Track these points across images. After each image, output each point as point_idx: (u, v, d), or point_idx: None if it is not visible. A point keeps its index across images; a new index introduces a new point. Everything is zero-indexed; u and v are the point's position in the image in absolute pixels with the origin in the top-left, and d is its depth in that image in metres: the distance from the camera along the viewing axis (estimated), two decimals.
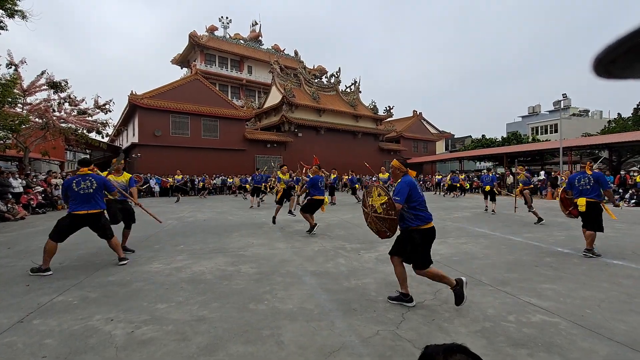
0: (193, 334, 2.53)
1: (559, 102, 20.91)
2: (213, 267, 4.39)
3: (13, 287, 3.63)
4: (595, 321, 2.69)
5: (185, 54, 39.45)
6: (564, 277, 3.86)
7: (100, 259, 4.88)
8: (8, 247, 5.74)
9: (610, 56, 0.40)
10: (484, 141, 37.71)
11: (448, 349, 0.78)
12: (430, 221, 3.08)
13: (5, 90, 9.70)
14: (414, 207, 3.05)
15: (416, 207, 3.05)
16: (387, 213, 3.05)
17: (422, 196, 3.12)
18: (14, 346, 2.36)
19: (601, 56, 0.41)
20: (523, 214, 10.12)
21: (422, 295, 3.32)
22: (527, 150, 25.70)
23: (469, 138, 50.26)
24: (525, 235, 6.48)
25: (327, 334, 2.53)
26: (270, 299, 3.25)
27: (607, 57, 0.40)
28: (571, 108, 47.19)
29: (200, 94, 23.86)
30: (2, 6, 8.98)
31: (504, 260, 4.64)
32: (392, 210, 3.01)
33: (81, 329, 2.61)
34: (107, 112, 16.64)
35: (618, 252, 5.05)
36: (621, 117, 31.79)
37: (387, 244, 5.80)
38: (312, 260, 4.75)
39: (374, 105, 33.79)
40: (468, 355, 0.76)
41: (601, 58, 0.41)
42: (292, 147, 27.36)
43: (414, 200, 3.05)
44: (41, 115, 13.84)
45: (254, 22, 45.03)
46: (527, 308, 2.97)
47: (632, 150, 23.31)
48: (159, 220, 5.96)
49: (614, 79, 0.44)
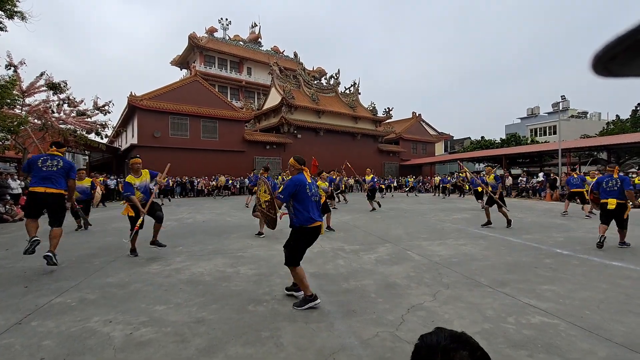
0: (192, 335, 2.53)
1: (557, 104, 20.96)
2: (212, 269, 4.38)
3: (11, 289, 3.61)
4: (594, 322, 2.69)
5: (184, 56, 39.49)
6: (563, 279, 3.86)
7: (99, 260, 4.87)
8: (6, 248, 5.71)
9: (610, 54, 0.40)
10: (483, 143, 37.81)
11: (447, 347, 0.71)
12: (312, 222, 3.16)
13: (4, 91, 9.69)
14: (296, 206, 3.17)
15: (299, 206, 3.16)
16: (268, 210, 3.33)
17: (311, 196, 3.21)
18: (12, 348, 2.35)
19: (600, 54, 0.41)
20: (521, 215, 10.13)
21: (422, 297, 3.31)
22: (526, 152, 25.77)
23: (468, 139, 50.34)
24: (524, 237, 6.48)
25: (327, 335, 2.52)
26: (270, 301, 3.24)
27: (607, 54, 0.40)
28: (570, 110, 47.32)
29: (200, 96, 23.88)
30: (1, 7, 8.97)
31: (503, 262, 4.64)
32: (272, 209, 3.28)
33: (79, 331, 2.59)
34: (106, 113, 16.67)
35: (616, 254, 5.06)
36: (619, 118, 31.93)
37: (387, 246, 5.80)
38: (311, 262, 4.74)
39: (373, 106, 33.87)
40: (472, 353, 0.71)
41: (600, 56, 0.41)
42: (291, 148, 27.36)
43: (299, 200, 3.16)
44: (40, 116, 13.83)
45: (253, 24, 45.15)
46: (526, 309, 2.97)
47: (630, 152, 23.41)
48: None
49: (613, 76, 0.44)
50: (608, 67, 0.42)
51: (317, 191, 3.35)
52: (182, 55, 39.66)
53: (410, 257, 4.96)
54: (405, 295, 3.36)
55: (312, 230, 3.20)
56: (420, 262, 4.66)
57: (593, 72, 0.44)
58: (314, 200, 3.25)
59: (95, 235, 6.83)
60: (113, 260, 4.87)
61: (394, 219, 9.62)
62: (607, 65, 0.42)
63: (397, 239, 6.36)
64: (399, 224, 8.55)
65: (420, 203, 16.31)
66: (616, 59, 0.40)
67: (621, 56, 0.40)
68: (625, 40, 0.38)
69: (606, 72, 0.43)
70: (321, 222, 3.28)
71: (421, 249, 5.54)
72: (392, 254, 5.20)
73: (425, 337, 0.77)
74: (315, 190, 3.30)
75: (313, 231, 3.21)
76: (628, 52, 0.39)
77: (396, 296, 3.34)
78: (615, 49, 0.39)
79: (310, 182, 3.29)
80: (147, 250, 5.51)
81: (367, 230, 7.58)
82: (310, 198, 3.20)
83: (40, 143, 14.42)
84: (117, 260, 4.88)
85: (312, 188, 3.26)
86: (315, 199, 3.29)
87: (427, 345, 0.74)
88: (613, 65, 0.41)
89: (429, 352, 0.73)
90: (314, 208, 3.22)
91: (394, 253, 5.24)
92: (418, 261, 4.73)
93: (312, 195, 3.23)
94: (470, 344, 0.73)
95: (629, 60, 0.40)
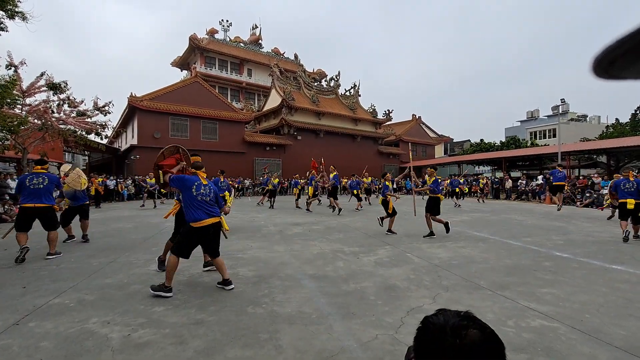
0: (190, 337, 2.51)
1: (557, 107, 21.03)
2: (211, 270, 4.36)
3: (9, 289, 3.60)
4: (594, 326, 2.69)
5: (185, 57, 39.55)
6: (562, 282, 3.85)
7: (98, 261, 4.85)
8: (5, 248, 5.70)
9: (610, 57, 0.40)
10: (483, 145, 37.82)
11: (456, 325, 0.67)
12: (197, 221, 3.49)
13: (4, 91, 9.69)
14: (185, 205, 3.56)
15: (185, 205, 3.55)
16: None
17: (197, 196, 3.51)
18: (9, 349, 2.34)
19: (600, 57, 0.41)
20: (521, 218, 10.13)
21: (421, 300, 3.31)
22: (526, 155, 25.78)
23: (467, 142, 50.39)
24: (524, 240, 6.48)
25: (326, 337, 2.51)
26: (269, 303, 3.23)
27: (607, 57, 0.40)
28: (569, 113, 47.39)
29: (200, 97, 23.90)
30: (2, 8, 8.99)
31: (502, 265, 4.64)
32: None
33: (77, 332, 2.58)
34: (106, 113, 16.61)
35: (616, 257, 5.06)
36: (619, 122, 31.98)
37: (387, 248, 5.79)
38: (310, 264, 4.73)
39: (373, 108, 33.92)
40: (482, 330, 0.67)
41: (600, 59, 0.41)
42: (291, 149, 27.39)
43: (185, 199, 3.56)
44: (40, 116, 13.81)
45: (254, 26, 45.27)
46: (526, 313, 2.97)
47: (630, 155, 23.42)
48: None
49: (613, 79, 0.44)
50: (608, 70, 0.42)
51: (208, 192, 3.63)
52: (182, 57, 39.72)
53: (409, 260, 4.95)
54: (404, 298, 3.35)
55: (197, 230, 3.50)
56: (419, 265, 4.66)
57: (593, 74, 0.44)
58: (200, 199, 3.55)
59: (93, 236, 6.81)
60: (112, 261, 4.86)
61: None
62: (607, 68, 0.42)
63: (396, 241, 6.35)
64: (398, 225, 8.54)
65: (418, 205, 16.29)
66: (616, 62, 0.40)
67: (621, 59, 0.39)
68: (625, 44, 0.38)
69: (606, 75, 0.43)
70: (210, 220, 3.56)
71: (421, 251, 5.53)
72: (392, 256, 5.19)
73: (431, 318, 0.72)
74: (205, 191, 3.60)
75: (198, 230, 3.51)
76: (628, 55, 0.39)
77: (396, 298, 3.33)
78: (615, 52, 0.39)
79: (206, 184, 3.66)
80: (145, 251, 5.50)
81: (366, 232, 7.57)
82: (195, 198, 3.52)
83: (40, 143, 14.47)
84: (116, 261, 4.87)
85: (200, 189, 3.56)
86: (205, 199, 3.59)
87: (433, 325, 0.70)
88: (613, 68, 0.41)
89: (437, 333, 0.68)
90: (200, 208, 3.53)
91: (394, 255, 5.23)
92: (417, 263, 4.73)
93: (198, 195, 3.53)
94: (479, 321, 0.70)
95: (628, 63, 0.40)
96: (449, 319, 0.69)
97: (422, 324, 0.74)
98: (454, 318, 0.69)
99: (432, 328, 0.70)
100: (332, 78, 33.95)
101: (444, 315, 0.71)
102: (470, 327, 0.67)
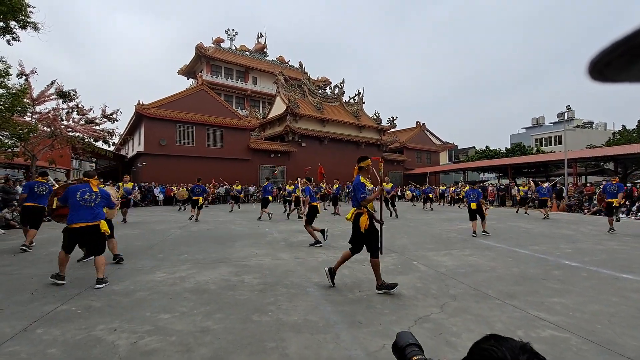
0: (197, 345, 2.51)
1: (562, 114, 20.88)
2: (217, 277, 4.36)
3: (17, 296, 3.63)
4: (606, 337, 2.63)
5: (191, 65, 40.10)
6: (572, 291, 3.79)
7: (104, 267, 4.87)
8: (13, 254, 5.75)
9: (605, 60, 0.40)
10: (488, 152, 37.65)
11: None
12: (73, 222, 4.01)
13: (15, 99, 9.87)
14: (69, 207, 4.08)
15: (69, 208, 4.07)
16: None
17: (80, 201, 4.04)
18: (17, 355, 2.35)
19: (596, 59, 0.41)
20: (528, 226, 10.01)
21: (429, 309, 3.27)
22: (532, 162, 25.59)
23: (472, 149, 50.18)
24: (531, 248, 6.40)
25: (333, 347, 2.49)
26: (275, 310, 3.22)
27: (602, 60, 0.40)
28: (575, 120, 47.11)
29: (206, 104, 24.14)
30: (15, 18, 9.22)
31: (510, 273, 4.58)
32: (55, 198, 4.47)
33: (85, 339, 2.59)
34: (114, 121, 16.84)
35: (626, 265, 4.97)
36: (626, 129, 31.69)
37: (393, 256, 5.75)
38: (316, 271, 4.71)
39: (377, 115, 33.99)
40: None
41: (596, 61, 0.41)
42: (295, 157, 27.46)
43: (70, 204, 4.06)
44: (49, 124, 14.04)
45: (259, 35, 45.82)
46: (536, 322, 2.92)
47: (637, 163, 23.15)
48: None
49: (608, 82, 0.44)
50: (604, 73, 0.42)
51: (92, 198, 4.13)
52: (189, 65, 40.27)
53: (416, 268, 4.91)
54: (411, 307, 3.32)
55: (73, 230, 4.02)
56: (426, 273, 4.62)
57: (589, 77, 0.44)
58: (82, 204, 4.05)
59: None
60: (118, 268, 4.88)
61: (399, 228, 9.55)
62: (602, 70, 0.42)
63: (402, 249, 6.30)
64: (404, 233, 8.49)
65: (425, 212, 16.20)
66: (611, 64, 0.40)
67: (616, 62, 0.40)
68: (620, 46, 0.38)
69: (602, 78, 0.43)
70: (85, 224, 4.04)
71: (427, 259, 5.48)
72: (398, 264, 5.15)
73: (488, 351, 0.63)
74: (89, 197, 4.11)
75: (74, 230, 4.02)
76: (623, 57, 0.39)
77: (402, 307, 3.30)
78: (611, 55, 0.39)
79: (92, 191, 4.16)
80: (151, 258, 5.52)
81: None
82: (78, 203, 4.04)
83: (49, 150, 14.68)
84: (122, 268, 4.89)
85: (84, 195, 4.09)
86: (88, 204, 4.09)
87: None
88: (608, 70, 0.42)
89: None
90: (79, 211, 4.03)
91: (400, 263, 5.20)
92: (424, 272, 4.68)
93: (81, 201, 4.05)
94: (541, 357, 0.63)
95: (624, 66, 0.40)
96: (517, 356, 0.61)
97: (479, 355, 0.64)
98: (518, 354, 0.61)
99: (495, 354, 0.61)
100: (337, 85, 34.16)
101: (510, 350, 0.62)
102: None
